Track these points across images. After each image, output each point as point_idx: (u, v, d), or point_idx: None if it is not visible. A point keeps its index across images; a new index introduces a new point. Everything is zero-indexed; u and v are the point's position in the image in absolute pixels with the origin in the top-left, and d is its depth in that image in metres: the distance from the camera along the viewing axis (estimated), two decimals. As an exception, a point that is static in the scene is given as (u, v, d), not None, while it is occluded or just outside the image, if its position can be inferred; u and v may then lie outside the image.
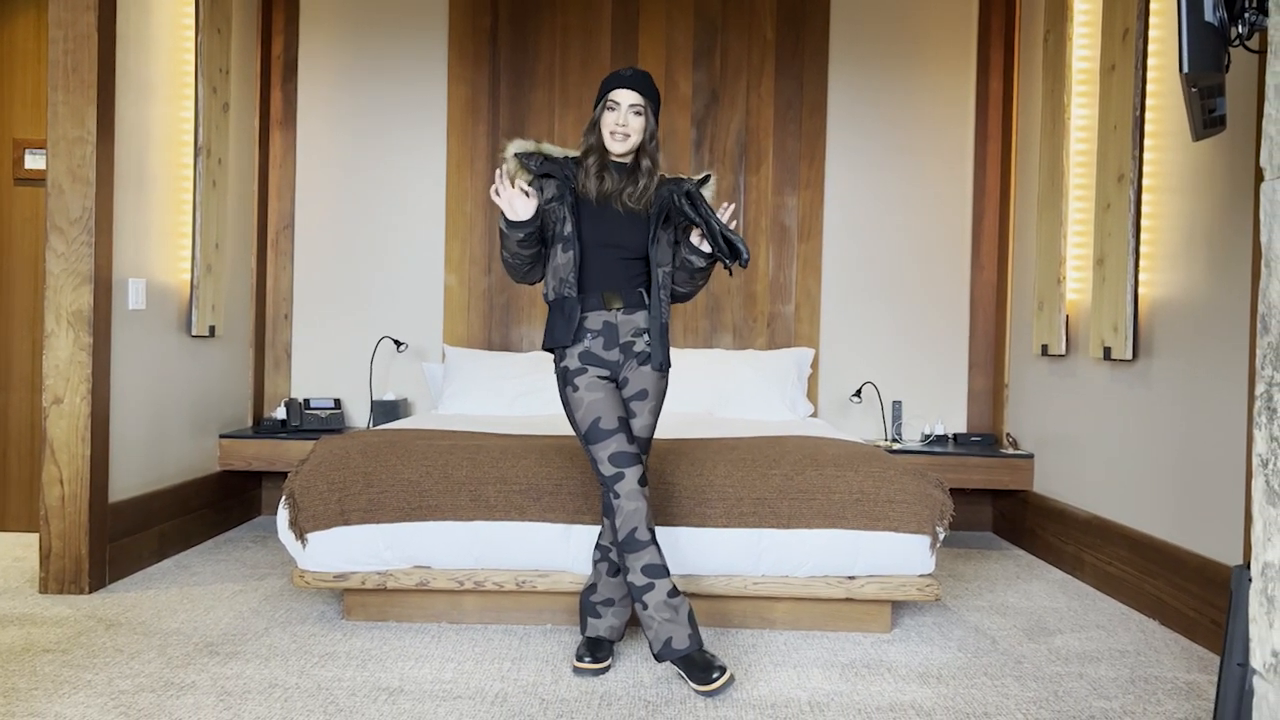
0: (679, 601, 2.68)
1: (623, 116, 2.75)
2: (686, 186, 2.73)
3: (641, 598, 2.66)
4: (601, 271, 2.79)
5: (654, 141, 2.80)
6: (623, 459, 2.68)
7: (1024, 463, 4.53)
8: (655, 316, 2.79)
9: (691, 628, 2.67)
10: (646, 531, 2.66)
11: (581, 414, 2.73)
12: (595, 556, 2.91)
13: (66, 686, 2.58)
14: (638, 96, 2.76)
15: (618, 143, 2.76)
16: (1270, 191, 1.85)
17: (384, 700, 2.53)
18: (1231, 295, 3.04)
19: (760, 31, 4.98)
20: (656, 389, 2.83)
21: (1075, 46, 4.16)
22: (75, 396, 3.47)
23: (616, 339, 2.79)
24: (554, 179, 2.79)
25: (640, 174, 2.80)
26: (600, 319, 2.79)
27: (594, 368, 2.78)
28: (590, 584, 2.91)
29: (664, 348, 2.81)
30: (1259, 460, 1.87)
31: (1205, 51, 2.22)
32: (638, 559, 2.65)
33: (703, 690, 2.58)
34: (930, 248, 5.01)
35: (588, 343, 2.78)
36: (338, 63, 5.04)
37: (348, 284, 5.05)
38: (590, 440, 2.71)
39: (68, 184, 3.47)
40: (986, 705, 2.58)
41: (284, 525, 3.14)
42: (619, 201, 2.79)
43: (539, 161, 2.79)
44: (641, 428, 2.81)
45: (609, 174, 2.80)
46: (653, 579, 2.66)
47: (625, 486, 2.66)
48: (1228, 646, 2.02)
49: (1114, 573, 3.67)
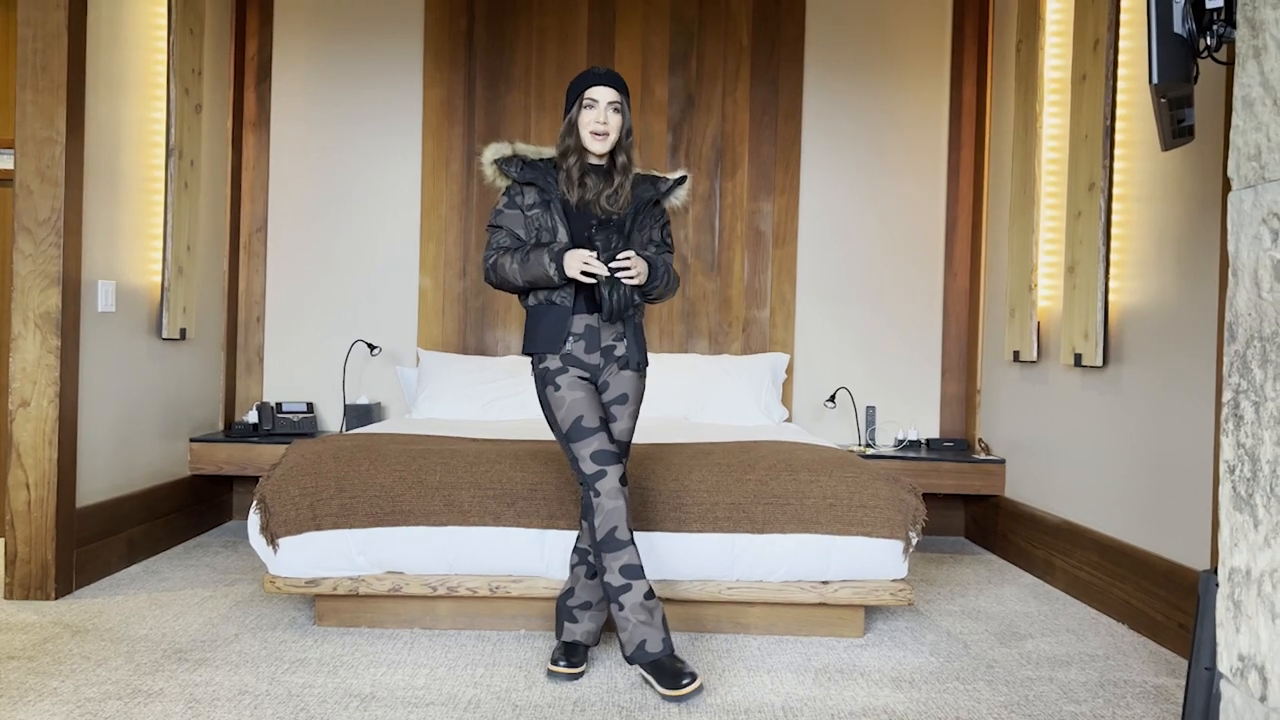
0: (654, 604, 2.67)
1: (602, 114, 2.75)
2: (659, 195, 2.76)
3: (618, 598, 2.66)
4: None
5: (630, 138, 2.81)
6: (604, 457, 2.68)
7: (996, 468, 4.56)
8: (628, 318, 2.80)
9: (665, 632, 2.67)
10: (626, 531, 2.67)
11: (563, 413, 2.73)
12: (573, 560, 2.90)
13: (32, 694, 2.54)
14: (615, 93, 2.76)
15: (599, 142, 2.76)
16: (1237, 201, 1.88)
17: (356, 707, 2.51)
18: (1200, 303, 3.08)
19: (736, 37, 5.00)
20: (635, 391, 2.84)
21: (1047, 56, 4.20)
22: (42, 399, 3.42)
23: (598, 343, 2.79)
24: (535, 186, 2.79)
25: (616, 173, 2.80)
26: (583, 323, 2.78)
27: (575, 369, 2.78)
28: (567, 588, 2.90)
29: (640, 348, 2.82)
30: (1226, 466, 1.90)
31: (1174, 63, 2.25)
32: (616, 559, 2.65)
33: (671, 695, 2.57)
34: (904, 254, 5.05)
35: (569, 345, 2.78)
36: (312, 64, 5.00)
37: (321, 287, 5.02)
38: (571, 438, 2.71)
39: (36, 184, 3.42)
40: (958, 710, 2.59)
41: (255, 530, 3.11)
42: (597, 206, 2.79)
43: (519, 168, 2.79)
44: (622, 431, 2.82)
45: (589, 178, 2.80)
46: (630, 580, 2.66)
47: (606, 484, 2.66)
48: (1195, 650, 2.05)
49: (1084, 577, 3.70)
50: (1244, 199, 1.85)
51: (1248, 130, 1.84)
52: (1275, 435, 1.74)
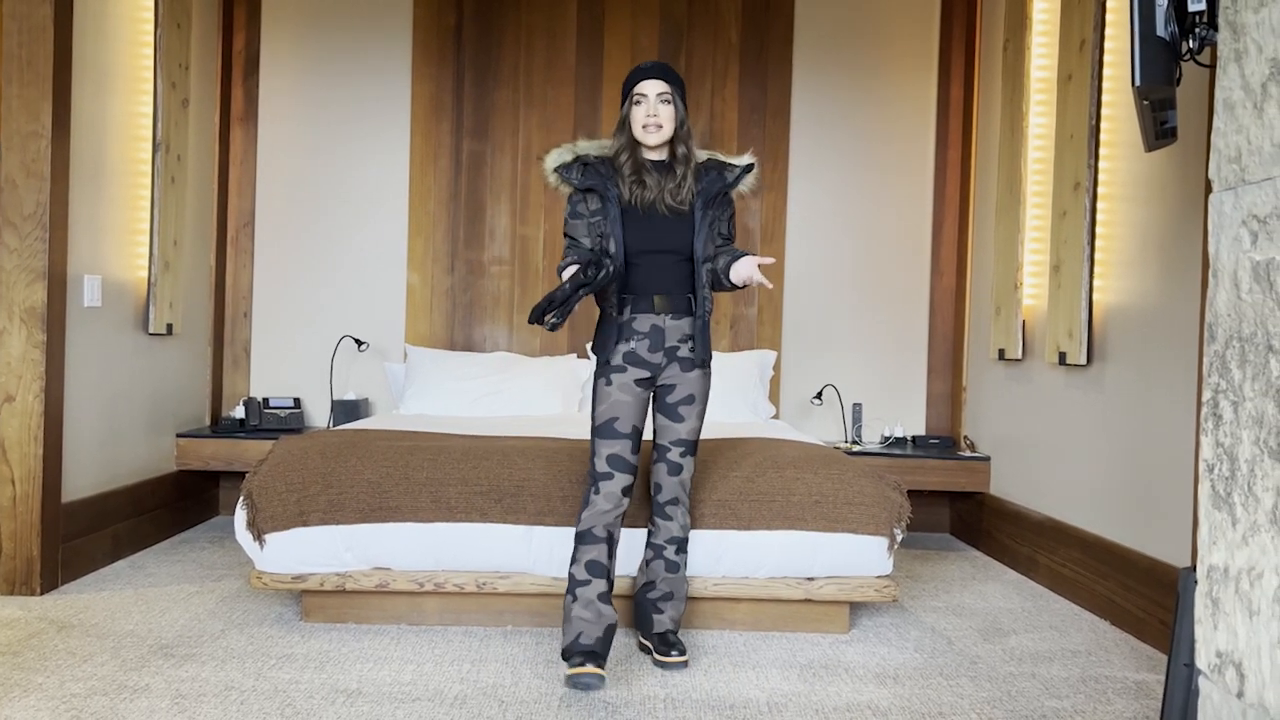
0: (609, 612, 2.72)
1: (652, 107, 2.75)
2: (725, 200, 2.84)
3: (575, 589, 2.72)
4: (650, 276, 2.77)
5: (685, 128, 2.80)
6: (618, 463, 2.73)
7: (981, 465, 4.59)
8: (699, 315, 2.80)
9: (605, 635, 2.69)
10: (604, 530, 2.72)
11: (603, 408, 2.76)
12: (648, 555, 2.93)
13: (16, 690, 2.54)
14: (664, 85, 2.76)
15: (651, 134, 2.76)
16: (1218, 203, 1.89)
17: (342, 703, 2.52)
18: (1182, 303, 3.10)
19: (725, 35, 5.00)
20: (702, 391, 2.86)
21: (1034, 56, 4.22)
22: (28, 395, 3.41)
23: (662, 343, 2.79)
24: (595, 191, 2.78)
25: (678, 164, 2.80)
26: (649, 322, 2.78)
27: (634, 368, 2.78)
28: (646, 582, 2.93)
29: (705, 344, 2.82)
30: (1205, 465, 1.92)
31: (1157, 65, 2.26)
32: (586, 552, 2.73)
33: (573, 674, 2.61)
34: (891, 252, 5.07)
35: (634, 344, 2.78)
36: (300, 59, 4.99)
37: (308, 282, 5.01)
38: (599, 434, 2.76)
39: (21, 179, 3.41)
40: (941, 705, 2.61)
41: (242, 526, 3.11)
42: (662, 204, 2.78)
43: (579, 174, 2.78)
44: (690, 430, 2.84)
45: (648, 176, 2.78)
46: (594, 576, 2.72)
47: (609, 488, 2.72)
48: (1174, 647, 2.07)
49: (1067, 574, 3.73)
50: (1224, 201, 1.87)
51: (1229, 133, 1.86)
52: (1253, 435, 1.76)
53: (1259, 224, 1.76)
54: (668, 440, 2.85)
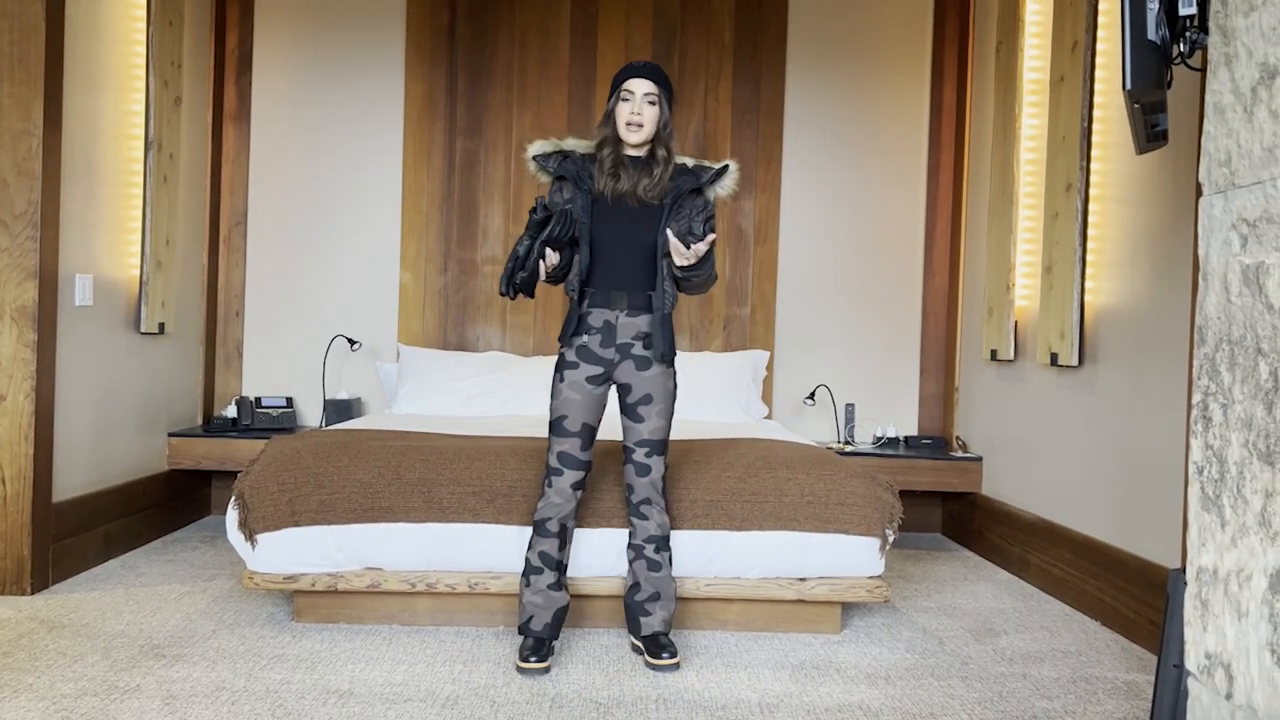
0: (559, 596, 2.83)
1: (637, 106, 2.79)
2: (705, 206, 2.86)
3: (529, 575, 2.84)
4: (611, 270, 2.82)
5: (668, 130, 2.85)
6: (569, 460, 2.81)
7: (973, 466, 4.60)
8: (658, 307, 2.81)
9: (555, 621, 2.82)
10: (557, 524, 2.82)
11: (554, 404, 2.84)
12: (630, 556, 2.94)
13: (7, 690, 2.53)
14: (652, 86, 2.80)
15: (632, 133, 2.80)
16: (1208, 206, 1.90)
17: (334, 703, 2.51)
18: (1173, 305, 3.12)
19: (719, 35, 5.01)
20: (662, 390, 2.85)
21: (1026, 58, 4.23)
22: (19, 394, 3.40)
23: (614, 339, 2.82)
24: (569, 179, 2.83)
25: (655, 164, 2.84)
26: (602, 317, 2.82)
27: (586, 364, 2.81)
28: (632, 583, 2.93)
29: (665, 339, 2.80)
30: (1194, 467, 1.93)
31: (1147, 69, 2.27)
32: (539, 543, 2.84)
33: (524, 668, 2.75)
34: (884, 253, 5.08)
35: (586, 338, 2.82)
36: (293, 58, 4.98)
37: (301, 281, 5.00)
38: (551, 430, 2.85)
39: (12, 177, 3.40)
40: (933, 706, 2.62)
41: (233, 526, 3.11)
42: (634, 198, 2.82)
43: (556, 163, 2.84)
44: (652, 430, 2.85)
45: (624, 170, 2.83)
46: (545, 567, 2.83)
47: (560, 483, 2.81)
48: (1164, 648, 2.08)
49: (1058, 574, 3.74)
50: (1215, 204, 1.88)
51: (1219, 136, 1.87)
52: (1242, 437, 1.77)
53: (1249, 227, 1.77)
54: (631, 441, 2.87)
